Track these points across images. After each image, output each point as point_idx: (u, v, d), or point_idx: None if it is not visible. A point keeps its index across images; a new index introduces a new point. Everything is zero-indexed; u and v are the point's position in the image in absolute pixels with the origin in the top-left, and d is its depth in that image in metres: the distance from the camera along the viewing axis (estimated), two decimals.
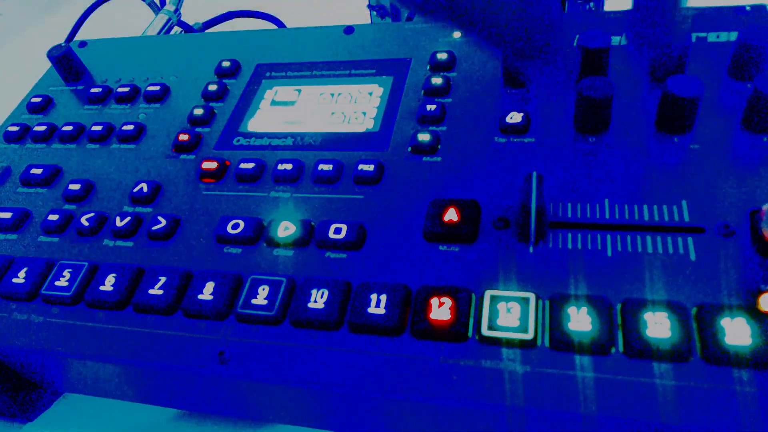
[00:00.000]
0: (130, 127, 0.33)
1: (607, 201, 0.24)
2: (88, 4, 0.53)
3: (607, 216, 0.23)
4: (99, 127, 0.34)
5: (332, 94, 0.33)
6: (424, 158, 0.28)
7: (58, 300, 0.26)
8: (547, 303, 0.21)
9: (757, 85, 0.24)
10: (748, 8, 0.30)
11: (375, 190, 0.27)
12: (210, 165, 0.30)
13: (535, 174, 0.22)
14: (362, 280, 0.24)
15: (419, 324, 0.22)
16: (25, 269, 0.27)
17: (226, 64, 0.36)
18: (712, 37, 0.29)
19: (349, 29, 0.37)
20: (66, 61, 0.38)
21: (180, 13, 0.55)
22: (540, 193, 0.22)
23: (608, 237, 0.23)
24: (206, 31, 0.58)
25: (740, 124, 0.25)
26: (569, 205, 0.24)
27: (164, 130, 0.33)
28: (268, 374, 0.22)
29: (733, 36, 0.29)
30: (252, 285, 0.24)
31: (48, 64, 0.40)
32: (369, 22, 0.55)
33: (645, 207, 0.23)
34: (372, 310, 0.22)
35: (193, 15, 0.58)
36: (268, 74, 0.35)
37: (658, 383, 0.19)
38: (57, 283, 0.26)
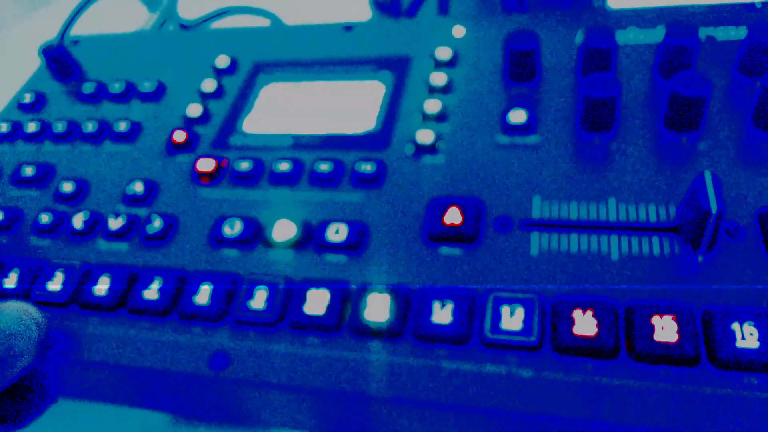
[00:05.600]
0: (125, 126, 0.33)
1: (612, 200, 0.24)
2: (80, 0, 0.53)
3: (613, 217, 0.23)
4: (93, 126, 0.33)
5: (332, 93, 0.32)
6: (426, 157, 0.27)
7: (50, 303, 0.25)
8: (552, 306, 0.21)
9: (767, 83, 0.23)
10: (758, 5, 0.29)
11: (375, 190, 0.27)
12: (206, 165, 0.29)
13: (708, 174, 0.20)
14: (362, 282, 0.23)
15: (420, 327, 0.21)
16: (16, 271, 0.27)
17: (222, 61, 0.35)
18: (721, 33, 0.29)
19: (348, 26, 0.36)
20: (59, 58, 0.37)
21: (176, 9, 0.55)
22: (720, 196, 0.20)
23: (614, 239, 0.22)
24: (202, 27, 0.58)
25: (750, 121, 0.25)
26: (573, 205, 0.24)
27: (159, 129, 0.33)
28: (264, 377, 0.21)
29: (743, 32, 0.29)
30: (249, 287, 0.24)
31: (39, 61, 0.39)
32: (369, 19, 0.54)
33: (651, 207, 0.23)
34: (371, 313, 0.22)
35: (189, 11, 0.57)
36: (266, 72, 0.35)
37: (666, 388, 0.19)
38: (49, 286, 0.26)
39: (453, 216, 0.24)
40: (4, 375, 0.18)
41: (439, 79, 0.30)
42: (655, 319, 0.20)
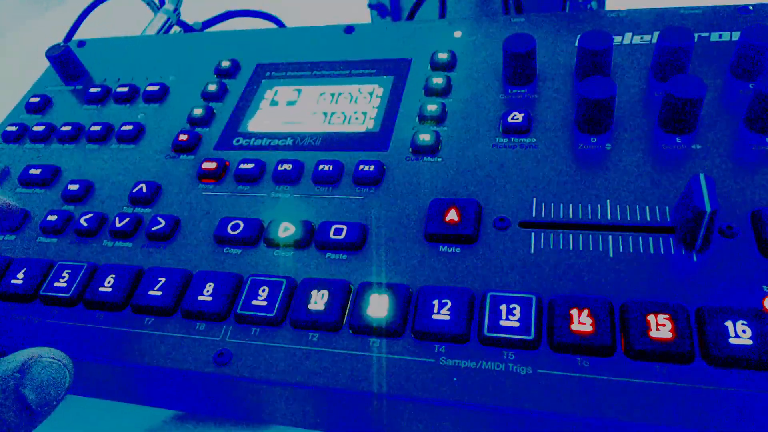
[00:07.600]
0: (130, 127, 0.33)
1: (608, 202, 0.24)
2: (87, 3, 0.53)
3: (609, 217, 0.23)
4: (98, 127, 0.34)
5: (332, 94, 0.33)
6: (425, 158, 0.28)
7: (57, 301, 0.26)
8: (549, 304, 0.21)
9: (760, 85, 0.24)
10: (751, 7, 0.30)
11: (375, 190, 0.27)
12: (210, 165, 0.30)
13: (702, 176, 0.21)
14: (362, 281, 0.23)
15: (420, 326, 0.21)
16: (23, 270, 0.27)
17: (225, 63, 0.36)
18: (714, 36, 0.29)
19: (349, 29, 0.36)
20: (65, 60, 0.38)
21: (179, 13, 0.55)
22: (713, 197, 0.20)
23: (609, 238, 0.23)
24: (205, 30, 0.58)
25: (743, 123, 0.25)
26: (570, 205, 0.24)
27: (163, 130, 0.33)
28: (266, 375, 0.22)
29: (736, 35, 0.29)
30: (252, 286, 0.24)
31: (46, 63, 0.40)
32: (369, 21, 0.55)
33: (647, 208, 0.23)
34: (372, 311, 0.22)
35: (192, 14, 0.58)
36: (268, 74, 0.35)
37: (661, 385, 0.19)
38: (56, 284, 0.26)
39: (452, 216, 0.24)
40: (32, 423, 0.18)
41: (438, 81, 0.31)
42: (651, 317, 0.20)
